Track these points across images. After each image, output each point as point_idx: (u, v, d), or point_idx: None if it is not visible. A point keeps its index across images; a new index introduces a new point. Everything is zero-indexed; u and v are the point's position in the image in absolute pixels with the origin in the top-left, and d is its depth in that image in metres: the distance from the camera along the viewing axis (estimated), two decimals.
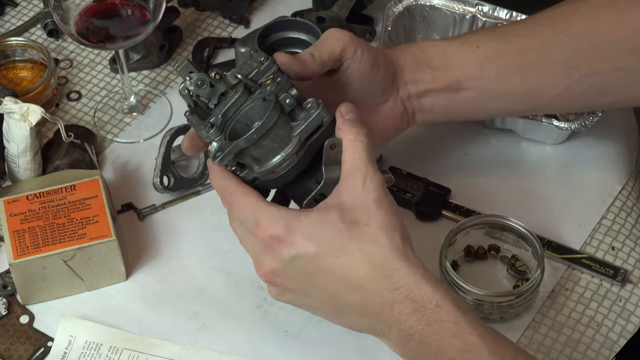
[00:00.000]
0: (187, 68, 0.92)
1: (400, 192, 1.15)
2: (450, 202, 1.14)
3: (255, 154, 0.91)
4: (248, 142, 0.89)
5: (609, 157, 1.19)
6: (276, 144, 0.90)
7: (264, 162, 0.91)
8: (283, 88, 0.91)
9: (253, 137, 0.89)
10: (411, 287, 0.84)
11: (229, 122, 0.91)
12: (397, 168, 1.17)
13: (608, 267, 1.08)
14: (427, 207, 1.14)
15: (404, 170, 1.17)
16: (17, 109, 1.09)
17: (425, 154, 1.19)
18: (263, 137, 0.89)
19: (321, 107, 0.91)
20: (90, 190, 1.08)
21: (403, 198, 1.14)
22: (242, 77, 0.92)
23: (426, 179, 1.16)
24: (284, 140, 0.90)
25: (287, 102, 0.91)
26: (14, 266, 1.03)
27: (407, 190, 1.15)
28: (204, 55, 1.31)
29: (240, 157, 0.91)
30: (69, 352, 1.03)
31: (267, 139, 0.89)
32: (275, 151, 0.90)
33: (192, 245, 1.12)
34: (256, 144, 0.90)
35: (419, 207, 1.14)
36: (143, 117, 1.25)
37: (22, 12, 1.38)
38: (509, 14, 1.24)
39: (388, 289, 0.85)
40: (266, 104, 0.91)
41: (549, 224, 1.13)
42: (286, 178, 0.91)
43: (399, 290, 0.84)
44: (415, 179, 1.16)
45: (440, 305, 0.84)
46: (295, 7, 1.34)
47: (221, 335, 1.05)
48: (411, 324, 0.84)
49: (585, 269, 1.09)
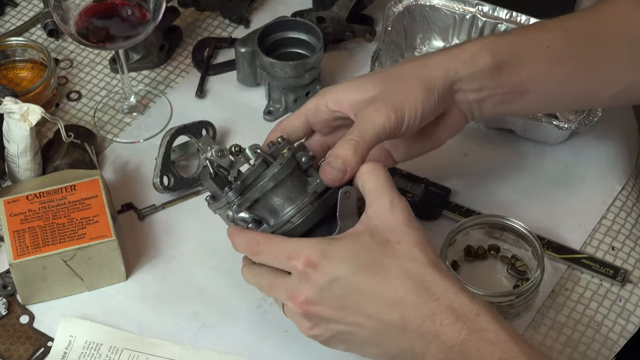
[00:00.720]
0: (208, 141, 0.97)
1: (400, 192, 1.14)
2: (450, 202, 1.14)
3: (271, 205, 0.93)
4: (262, 190, 0.92)
5: (609, 157, 1.19)
6: (292, 194, 0.93)
7: (279, 212, 0.93)
8: (299, 149, 0.95)
9: (267, 186, 0.92)
10: (451, 298, 0.85)
11: (246, 191, 0.94)
12: (397, 168, 1.17)
13: (608, 267, 1.08)
14: (427, 207, 1.14)
15: (404, 170, 1.17)
16: (17, 109, 1.09)
17: (425, 154, 1.19)
18: (278, 186, 0.92)
19: None
20: (90, 190, 1.08)
21: None
22: (261, 152, 0.95)
23: (426, 179, 1.16)
24: (299, 192, 0.93)
25: (304, 160, 0.94)
26: (14, 266, 1.03)
27: (407, 190, 1.15)
28: (204, 55, 1.31)
29: (256, 208, 0.94)
30: (69, 352, 1.03)
31: (282, 189, 0.92)
32: (290, 201, 0.93)
33: (192, 245, 1.13)
34: (271, 194, 0.93)
35: (419, 207, 1.14)
36: (143, 117, 1.25)
37: (22, 12, 1.38)
38: (509, 14, 1.24)
39: (428, 300, 0.85)
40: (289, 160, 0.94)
41: (549, 224, 1.13)
42: (302, 228, 0.93)
43: (438, 301, 0.84)
44: (415, 179, 1.16)
45: (479, 314, 0.84)
46: (295, 7, 1.34)
47: (221, 335, 1.05)
48: (452, 335, 0.84)
49: (585, 269, 1.09)
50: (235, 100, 1.27)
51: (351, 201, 0.92)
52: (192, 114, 1.24)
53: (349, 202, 0.92)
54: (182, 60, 1.32)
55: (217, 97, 1.28)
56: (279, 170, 0.92)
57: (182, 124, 1.17)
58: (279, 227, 0.93)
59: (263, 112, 1.25)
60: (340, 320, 0.88)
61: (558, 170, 1.18)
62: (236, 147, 0.96)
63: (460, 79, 0.98)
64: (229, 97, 1.28)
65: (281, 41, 1.26)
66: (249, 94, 1.28)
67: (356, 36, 1.30)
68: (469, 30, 1.27)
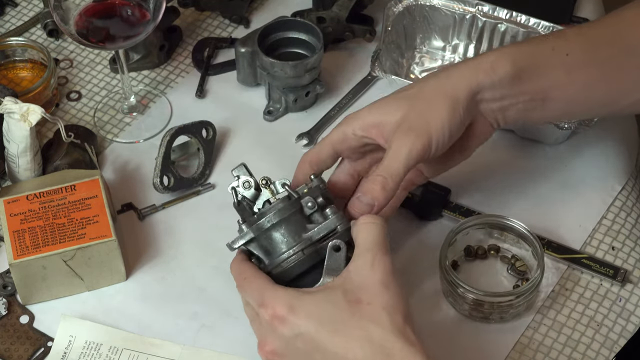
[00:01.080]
0: (241, 170, 0.99)
1: None
2: (450, 202, 1.14)
3: (266, 245, 0.95)
4: (258, 230, 0.94)
5: (609, 157, 1.19)
6: (285, 238, 0.94)
7: (273, 254, 0.94)
8: (310, 193, 0.96)
9: (263, 225, 0.94)
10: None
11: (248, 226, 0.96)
12: None
13: (608, 267, 1.08)
14: (427, 207, 1.14)
15: None
16: (17, 109, 1.09)
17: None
18: (273, 228, 0.94)
19: (337, 215, 0.94)
20: (90, 190, 1.08)
21: None
22: (288, 187, 0.96)
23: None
24: (294, 237, 0.94)
25: (308, 205, 0.95)
26: (14, 266, 1.03)
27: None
28: (204, 55, 1.31)
29: (253, 246, 0.96)
30: (69, 352, 1.03)
31: (278, 232, 0.94)
32: (284, 245, 0.94)
33: (192, 245, 1.13)
34: (267, 235, 0.94)
35: (419, 207, 1.14)
36: (143, 117, 1.25)
37: (22, 12, 1.38)
38: (509, 14, 1.24)
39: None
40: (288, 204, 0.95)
41: (549, 224, 1.13)
42: (290, 274, 0.94)
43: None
44: None
45: None
46: (295, 7, 1.34)
47: (221, 335, 1.05)
48: None
49: (585, 269, 1.09)
50: (235, 100, 1.27)
51: (339, 255, 0.92)
52: (192, 114, 1.24)
53: (337, 255, 0.92)
54: (182, 60, 1.32)
55: (217, 97, 1.28)
56: (275, 213, 0.94)
57: (182, 124, 1.17)
58: (272, 268, 0.94)
59: (263, 112, 1.25)
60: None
61: (558, 170, 1.18)
62: (265, 179, 0.98)
63: (482, 89, 0.98)
64: (229, 97, 1.28)
65: (281, 41, 1.26)
66: (249, 94, 1.28)
67: (356, 36, 1.30)
68: (469, 30, 1.27)
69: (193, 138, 1.18)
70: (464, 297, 1.03)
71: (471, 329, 1.05)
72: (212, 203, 1.16)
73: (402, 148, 0.95)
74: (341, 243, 0.92)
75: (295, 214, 0.94)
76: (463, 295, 1.03)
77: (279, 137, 1.23)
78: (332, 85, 1.28)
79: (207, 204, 1.16)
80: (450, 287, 1.04)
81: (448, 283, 1.04)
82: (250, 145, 1.22)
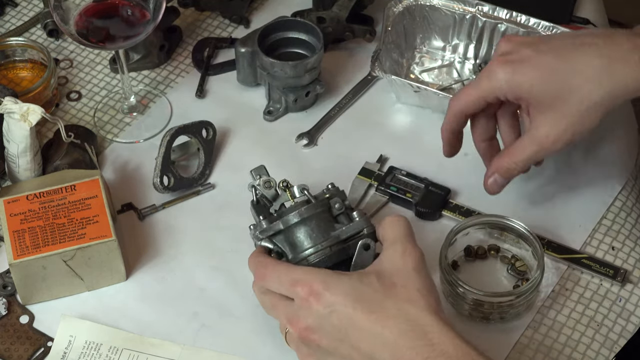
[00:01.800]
0: (261, 170, 1.02)
1: (400, 192, 1.15)
2: (450, 202, 1.14)
3: (293, 239, 0.97)
4: (286, 224, 0.96)
5: (609, 157, 1.19)
6: (314, 234, 0.96)
7: (299, 248, 0.96)
8: (338, 195, 0.99)
9: (292, 220, 0.96)
10: (447, 343, 0.85)
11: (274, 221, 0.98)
12: (397, 168, 1.17)
13: (608, 267, 1.08)
14: (427, 207, 1.14)
15: (404, 170, 1.17)
16: (17, 109, 1.09)
17: (425, 154, 1.19)
18: (302, 223, 0.96)
19: (364, 218, 0.97)
20: (90, 190, 1.08)
21: (403, 198, 1.14)
22: (307, 194, 0.98)
23: (426, 179, 1.16)
24: (322, 234, 0.96)
25: (336, 206, 0.98)
26: (14, 266, 1.03)
27: (407, 190, 1.15)
28: (204, 55, 1.31)
29: (278, 240, 0.97)
30: (69, 352, 1.03)
31: (305, 227, 0.96)
32: (311, 240, 0.96)
33: (192, 245, 1.13)
34: (295, 228, 0.96)
35: (419, 207, 1.14)
36: (143, 117, 1.25)
37: (22, 12, 1.38)
38: (509, 14, 1.24)
39: (423, 344, 0.85)
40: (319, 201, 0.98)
41: (549, 224, 1.13)
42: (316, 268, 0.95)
43: (434, 347, 0.85)
44: (415, 179, 1.16)
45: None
46: (295, 7, 1.34)
47: (221, 335, 1.05)
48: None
49: (585, 269, 1.09)
50: (235, 100, 1.27)
51: (368, 254, 0.94)
52: (192, 114, 1.24)
53: (366, 254, 0.94)
54: (182, 60, 1.32)
55: (217, 97, 1.28)
56: (306, 208, 0.96)
57: (182, 124, 1.17)
58: (296, 263, 0.96)
59: (263, 112, 1.25)
60: (335, 352, 0.89)
61: (558, 170, 1.18)
62: (284, 182, 1.00)
63: (635, 92, 0.98)
64: (229, 97, 1.28)
65: (281, 41, 1.26)
66: (249, 94, 1.28)
67: (356, 36, 1.30)
68: (469, 30, 1.27)
69: (193, 138, 1.18)
70: (464, 297, 1.03)
71: (471, 329, 1.05)
72: (212, 203, 1.16)
73: (545, 143, 1.01)
74: (371, 242, 0.94)
75: (324, 212, 0.97)
76: (463, 295, 1.03)
77: (279, 137, 1.23)
78: (332, 85, 1.28)
79: (207, 204, 1.16)
80: (450, 287, 1.04)
81: (448, 283, 1.04)
82: (250, 145, 1.22)
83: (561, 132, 1.00)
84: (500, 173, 1.06)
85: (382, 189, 1.15)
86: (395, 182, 1.15)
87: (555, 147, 1.01)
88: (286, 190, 1.00)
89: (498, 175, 1.06)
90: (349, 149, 1.21)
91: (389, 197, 1.15)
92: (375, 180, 1.16)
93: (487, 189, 1.08)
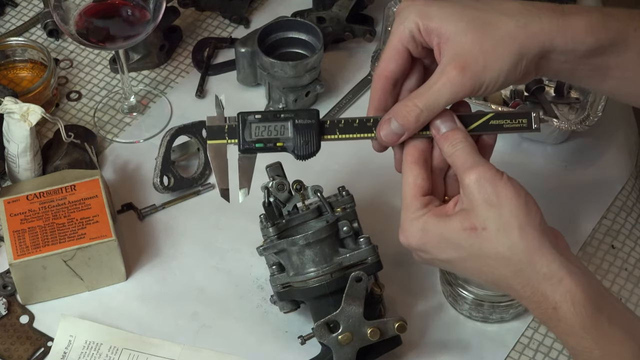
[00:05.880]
0: (276, 170, 1.01)
1: (270, 143, 1.10)
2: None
3: (296, 260, 0.97)
4: (291, 244, 0.96)
5: (609, 157, 1.19)
6: (317, 258, 0.96)
7: (300, 270, 0.97)
8: (347, 217, 0.98)
9: (297, 242, 0.96)
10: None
11: (289, 230, 0.99)
12: (248, 112, 1.12)
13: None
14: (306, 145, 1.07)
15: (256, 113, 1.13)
16: (17, 109, 1.09)
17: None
18: (307, 246, 0.96)
19: (370, 247, 0.96)
20: (90, 190, 1.08)
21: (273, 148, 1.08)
22: (320, 197, 0.98)
23: (285, 109, 1.12)
24: (325, 258, 0.96)
25: (344, 229, 0.97)
26: (14, 266, 1.03)
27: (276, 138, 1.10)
28: (204, 55, 1.31)
29: (281, 256, 0.98)
30: (69, 352, 1.03)
31: (310, 250, 0.96)
32: (313, 264, 0.96)
33: (192, 245, 1.13)
34: (298, 251, 0.96)
35: (296, 151, 1.09)
36: (143, 117, 1.25)
37: (22, 12, 1.38)
38: None
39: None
40: (327, 226, 0.97)
41: (549, 224, 1.12)
42: (314, 293, 0.96)
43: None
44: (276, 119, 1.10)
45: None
46: (295, 7, 1.34)
47: (221, 335, 1.05)
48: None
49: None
50: (235, 100, 1.27)
51: (360, 286, 0.94)
52: (192, 114, 1.24)
53: (358, 286, 0.94)
54: (182, 60, 1.32)
55: None
56: (313, 233, 0.96)
57: (182, 124, 1.17)
58: (295, 284, 0.97)
59: None
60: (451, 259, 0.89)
61: (558, 170, 1.18)
62: (298, 183, 1.00)
63: (554, 51, 0.94)
64: (229, 97, 1.27)
65: (281, 41, 1.26)
66: (249, 94, 1.28)
67: (356, 36, 1.30)
68: None
69: (193, 138, 1.18)
70: (464, 297, 1.03)
71: (471, 329, 1.05)
72: (212, 203, 1.16)
73: (449, 84, 0.91)
74: (363, 275, 0.94)
75: (331, 236, 0.97)
76: (463, 295, 1.03)
77: None
78: (332, 85, 1.28)
79: (207, 204, 1.16)
80: (450, 287, 1.04)
81: (448, 283, 1.04)
82: None
83: (472, 63, 0.91)
84: (398, 117, 0.91)
85: (247, 148, 0.95)
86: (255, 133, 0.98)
87: (466, 82, 0.91)
88: (299, 192, 1.00)
89: (395, 119, 0.91)
90: (349, 149, 1.21)
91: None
92: (230, 137, 0.97)
93: (379, 138, 0.92)
